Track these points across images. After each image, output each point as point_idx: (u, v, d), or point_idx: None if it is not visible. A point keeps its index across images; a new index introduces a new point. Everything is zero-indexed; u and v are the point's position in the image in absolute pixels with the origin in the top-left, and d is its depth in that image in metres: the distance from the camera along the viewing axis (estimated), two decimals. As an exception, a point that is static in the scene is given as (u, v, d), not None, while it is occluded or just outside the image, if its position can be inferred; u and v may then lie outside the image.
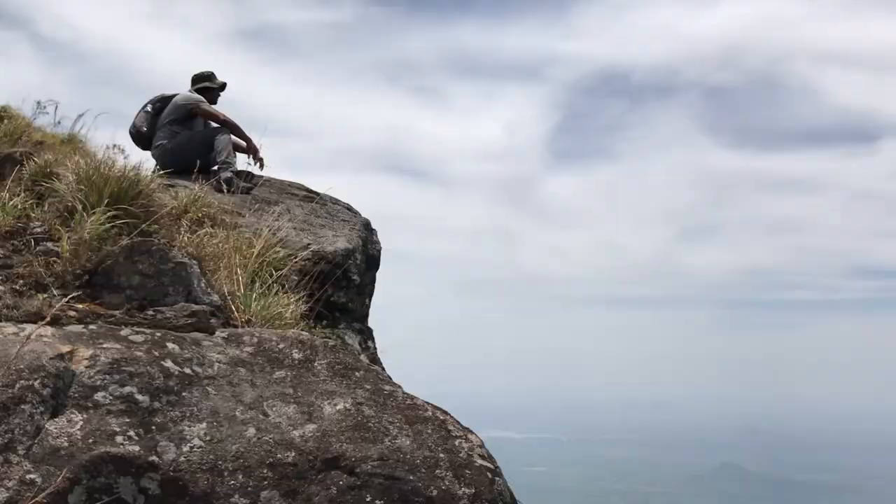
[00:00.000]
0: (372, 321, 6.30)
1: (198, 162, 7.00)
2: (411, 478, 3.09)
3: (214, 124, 8.54)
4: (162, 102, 8.81)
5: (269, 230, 5.38)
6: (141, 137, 8.72)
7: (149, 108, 8.82)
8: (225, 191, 6.56)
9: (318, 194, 7.04)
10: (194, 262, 4.29)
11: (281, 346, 3.74)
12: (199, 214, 5.48)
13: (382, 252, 6.73)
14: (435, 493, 3.09)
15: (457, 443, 3.42)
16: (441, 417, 3.59)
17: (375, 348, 5.72)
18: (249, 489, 2.92)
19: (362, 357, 4.56)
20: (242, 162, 8.06)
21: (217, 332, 3.84)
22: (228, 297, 4.34)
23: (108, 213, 4.35)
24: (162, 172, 6.03)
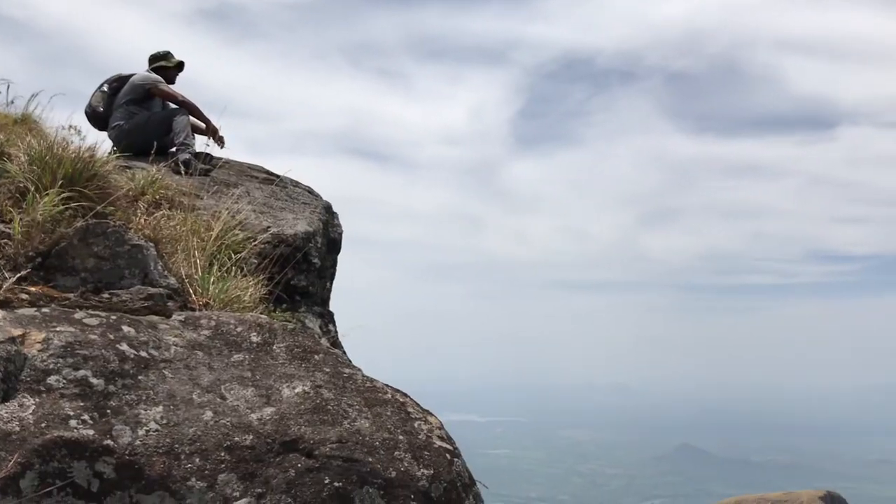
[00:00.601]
0: (333, 305, 6.27)
1: (155, 143, 6.89)
2: (370, 459, 3.10)
3: (172, 105, 8.41)
4: (119, 82, 8.65)
5: (228, 213, 5.32)
6: (97, 118, 8.56)
7: (105, 88, 8.65)
8: (183, 173, 6.46)
9: (278, 177, 6.97)
10: (151, 244, 4.23)
11: (239, 329, 3.71)
12: (157, 196, 5.40)
13: (346, 236, 6.70)
14: (394, 474, 3.10)
15: (416, 425, 3.43)
16: (401, 400, 3.60)
17: (336, 332, 5.70)
18: (206, 472, 2.90)
19: (323, 341, 4.54)
20: (201, 143, 7.95)
21: (174, 316, 3.80)
22: (186, 280, 4.29)
23: (62, 195, 4.27)
24: (118, 154, 5.92)
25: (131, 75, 8.63)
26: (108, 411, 2.99)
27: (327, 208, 6.58)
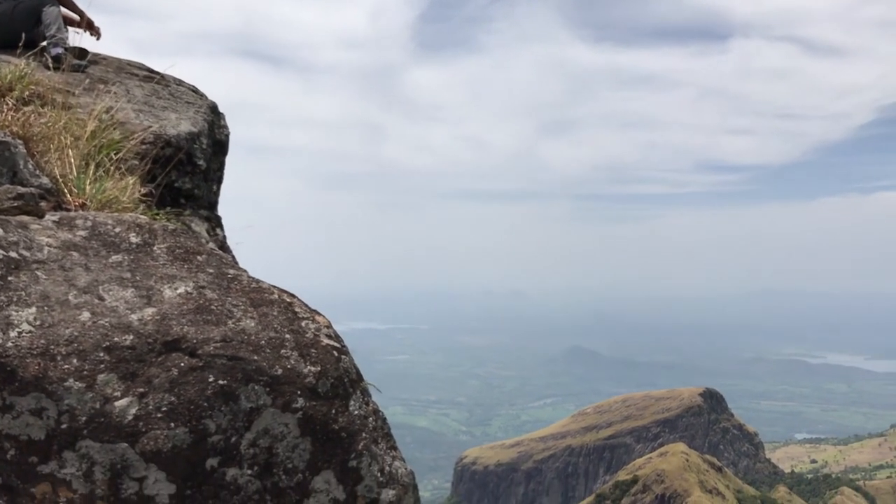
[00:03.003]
0: (227, 213, 6.10)
1: (23, 36, 6.41)
2: (255, 358, 3.11)
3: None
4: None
5: (106, 111, 5.06)
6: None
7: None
8: (54, 68, 6.06)
9: (160, 74, 6.62)
10: (19, 141, 4.00)
11: (117, 229, 3.59)
12: (26, 93, 5.06)
13: (241, 144, 6.48)
14: (280, 371, 3.13)
15: (303, 324, 3.45)
16: (287, 300, 3.60)
17: (224, 236, 5.58)
18: (85, 373, 2.85)
19: (210, 245, 4.46)
20: (74, 37, 7.43)
21: (47, 216, 3.64)
22: (60, 180, 4.09)
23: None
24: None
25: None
26: (-24, 313, 2.88)
27: (213, 108, 6.33)
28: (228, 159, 6.92)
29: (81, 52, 7.06)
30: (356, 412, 3.30)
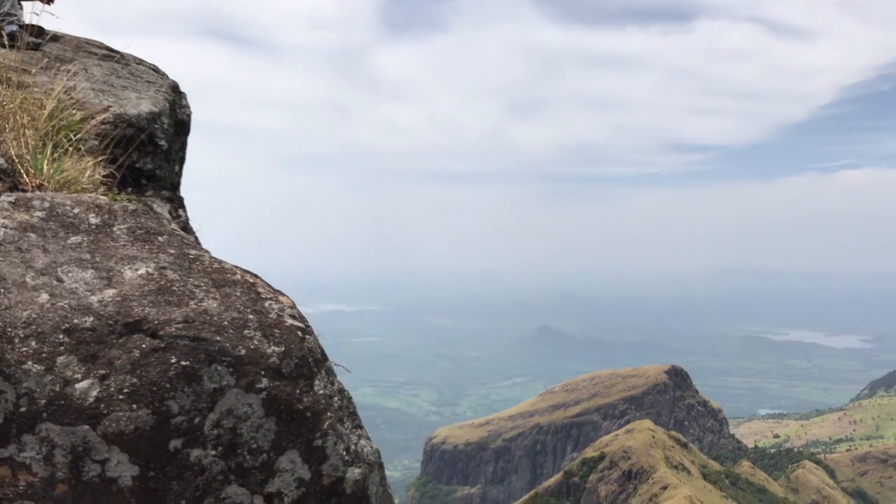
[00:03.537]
0: (196, 195, 6.02)
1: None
2: (218, 338, 3.09)
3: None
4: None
5: (64, 90, 4.95)
6: None
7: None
8: (9, 46, 5.92)
9: (119, 53, 6.50)
10: (-27, 121, 3.91)
11: (76, 210, 3.54)
12: (-21, 71, 4.94)
13: (205, 125, 6.40)
14: (243, 352, 3.11)
15: (266, 304, 3.44)
16: (251, 280, 3.58)
17: (188, 218, 5.51)
18: (44, 355, 2.81)
19: (172, 226, 4.41)
20: (30, 13, 7.24)
21: (3, 197, 3.57)
22: (16, 161, 4.01)
23: None
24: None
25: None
26: (-70, 296, 2.82)
27: (174, 88, 6.23)
28: (194, 141, 6.83)
29: (39, 31, 6.90)
30: (321, 392, 3.30)
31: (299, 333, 3.40)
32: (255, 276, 3.70)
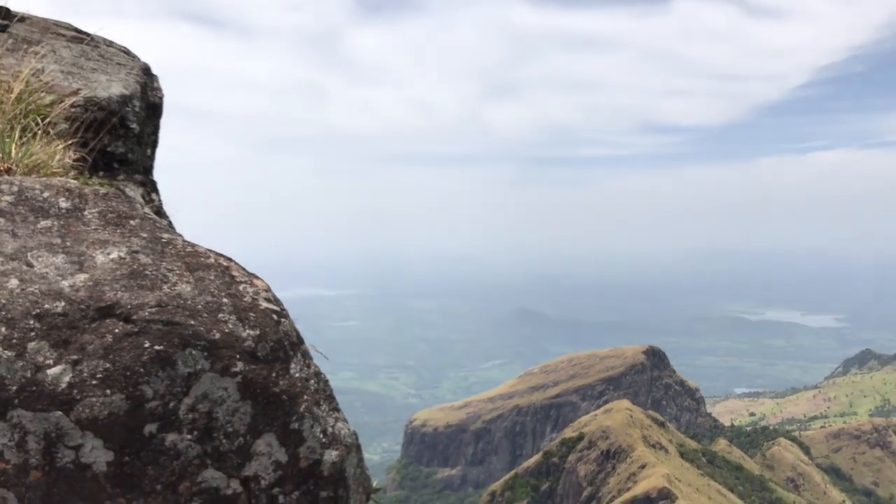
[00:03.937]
0: (171, 179, 5.93)
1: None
2: (192, 322, 3.07)
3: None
4: None
5: (32, 73, 4.87)
6: None
7: None
8: (-24, 28, 5.80)
9: (89, 35, 6.39)
10: (-62, 104, 3.84)
11: (46, 194, 3.49)
12: (-55, 54, 4.84)
13: (178, 108, 6.31)
14: (218, 336, 3.09)
15: (241, 288, 3.41)
16: (224, 264, 3.55)
17: (161, 201, 5.45)
18: (14, 341, 2.78)
19: (145, 209, 4.36)
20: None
21: (-30, 182, 3.51)
22: (-16, 145, 3.94)
23: None
24: None
25: None
26: None
27: (145, 70, 6.14)
28: (167, 124, 6.74)
29: (6, 12, 6.76)
30: (297, 375, 3.29)
31: (274, 317, 3.38)
32: (230, 259, 3.67)
